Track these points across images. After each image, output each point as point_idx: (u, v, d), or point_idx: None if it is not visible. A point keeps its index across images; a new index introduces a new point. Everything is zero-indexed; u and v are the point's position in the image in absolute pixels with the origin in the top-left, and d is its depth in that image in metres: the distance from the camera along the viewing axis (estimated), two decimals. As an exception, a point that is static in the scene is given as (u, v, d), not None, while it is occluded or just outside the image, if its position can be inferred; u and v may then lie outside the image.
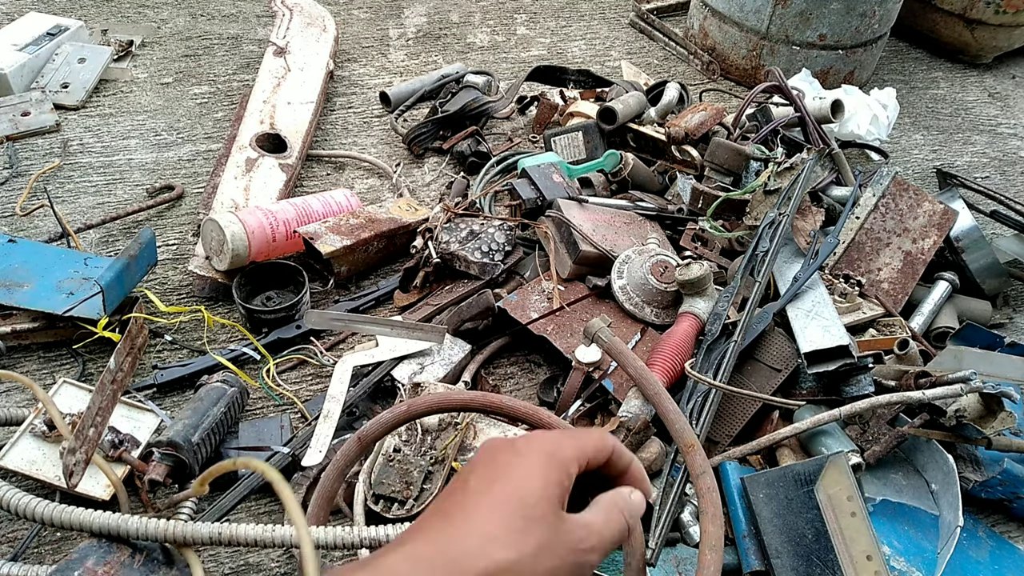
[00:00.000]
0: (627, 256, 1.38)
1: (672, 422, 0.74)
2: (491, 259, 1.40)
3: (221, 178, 1.57)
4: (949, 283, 1.45)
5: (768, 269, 1.30)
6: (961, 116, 2.24)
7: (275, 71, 1.86)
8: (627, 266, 1.37)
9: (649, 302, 1.35)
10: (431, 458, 1.11)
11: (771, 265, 1.31)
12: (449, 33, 2.31)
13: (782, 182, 1.43)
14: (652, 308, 1.35)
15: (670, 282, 1.33)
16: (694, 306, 1.30)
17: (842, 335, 1.21)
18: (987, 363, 1.18)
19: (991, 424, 1.10)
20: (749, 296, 1.26)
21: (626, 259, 1.38)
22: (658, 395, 0.77)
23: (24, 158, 1.68)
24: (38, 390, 1.00)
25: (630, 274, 1.36)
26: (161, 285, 1.43)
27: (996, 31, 2.36)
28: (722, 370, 1.16)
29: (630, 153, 1.64)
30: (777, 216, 1.36)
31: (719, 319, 1.23)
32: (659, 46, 2.37)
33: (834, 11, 2.03)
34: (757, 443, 1.14)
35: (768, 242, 1.33)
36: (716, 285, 1.34)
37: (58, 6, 2.20)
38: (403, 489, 1.08)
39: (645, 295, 1.34)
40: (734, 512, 1.06)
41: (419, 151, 1.79)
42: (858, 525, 0.99)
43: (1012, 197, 1.64)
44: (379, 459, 1.11)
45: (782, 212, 1.37)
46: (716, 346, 1.21)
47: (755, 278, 1.29)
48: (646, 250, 1.39)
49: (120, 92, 1.91)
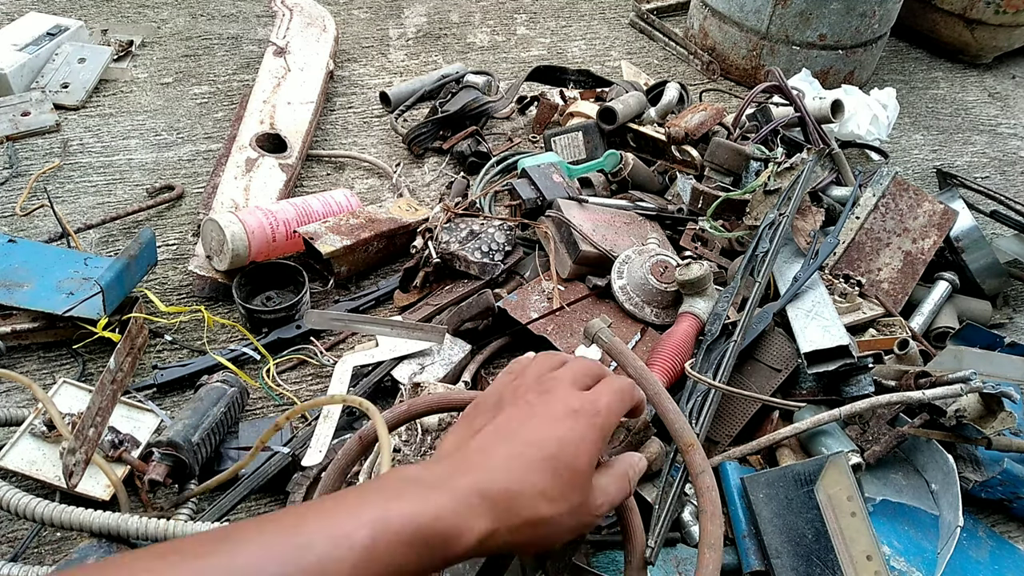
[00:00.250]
0: (627, 256, 1.38)
1: (672, 421, 0.74)
2: (491, 259, 1.40)
3: (221, 178, 1.57)
4: (949, 283, 1.45)
5: (768, 269, 1.30)
6: (961, 116, 2.24)
7: (275, 71, 1.86)
8: (627, 266, 1.37)
9: (649, 302, 1.35)
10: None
11: (771, 265, 1.31)
12: (449, 33, 2.31)
13: (782, 182, 1.43)
14: (652, 308, 1.35)
15: (670, 282, 1.33)
16: (694, 306, 1.30)
17: (842, 335, 1.21)
18: (987, 363, 1.18)
19: (991, 424, 1.10)
20: (749, 296, 1.26)
21: (626, 259, 1.38)
22: (658, 395, 0.77)
23: (24, 158, 1.68)
24: (37, 390, 1.00)
25: (630, 274, 1.36)
26: (161, 285, 1.43)
27: (996, 31, 2.36)
28: (722, 370, 1.16)
29: (630, 153, 1.64)
30: (777, 217, 1.36)
31: (719, 319, 1.22)
32: (659, 46, 2.37)
33: (834, 11, 2.03)
34: (757, 443, 1.14)
35: (768, 243, 1.33)
36: (716, 285, 1.34)
37: (58, 6, 2.20)
38: None
39: (645, 295, 1.34)
40: (734, 512, 1.06)
41: (419, 151, 1.79)
42: (858, 525, 0.99)
43: (1012, 197, 1.64)
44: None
45: (782, 213, 1.37)
46: (716, 346, 1.20)
47: (755, 278, 1.29)
48: (646, 250, 1.39)
49: (120, 92, 1.91)
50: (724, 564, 1.05)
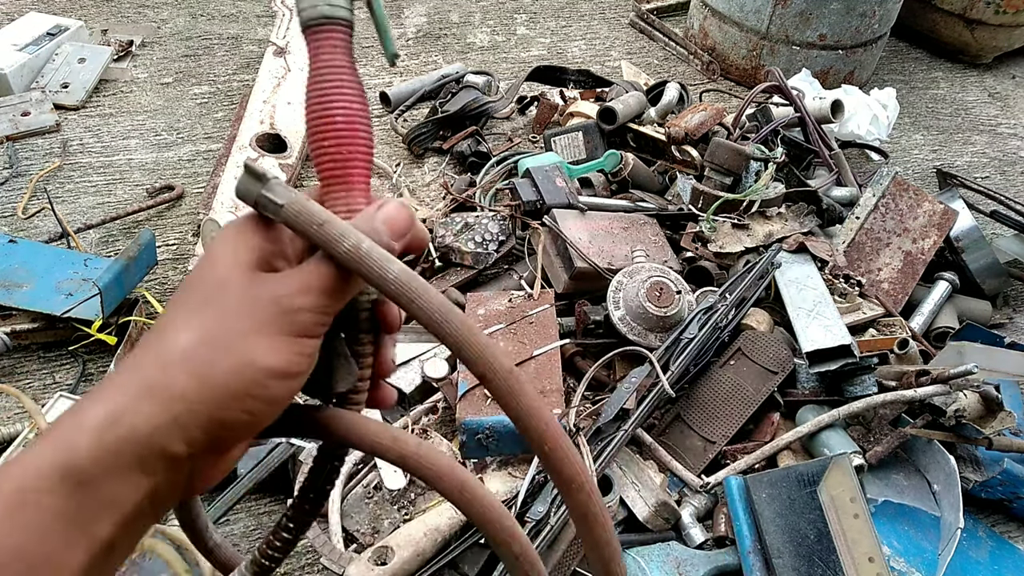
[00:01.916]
0: (619, 282, 1.31)
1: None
2: (484, 248, 1.40)
3: (221, 178, 1.57)
4: (949, 283, 1.45)
5: (688, 358, 1.18)
6: (961, 116, 2.24)
7: (275, 71, 1.86)
8: (622, 294, 1.30)
9: (651, 328, 1.28)
10: (406, 514, 1.06)
11: (691, 354, 1.18)
12: (449, 33, 2.31)
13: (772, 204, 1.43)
14: (656, 334, 1.29)
15: (668, 305, 1.26)
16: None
17: (844, 335, 1.21)
18: (989, 359, 1.18)
19: (991, 424, 1.10)
20: (654, 390, 1.14)
21: (619, 285, 1.31)
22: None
23: (24, 158, 1.67)
24: (28, 402, 0.99)
25: (626, 303, 1.29)
26: (161, 285, 1.43)
27: (996, 31, 2.36)
28: (603, 457, 1.06)
29: (630, 153, 1.64)
30: (716, 301, 1.26)
31: (615, 405, 1.11)
32: (659, 46, 2.37)
33: (834, 11, 2.02)
34: (761, 452, 1.14)
35: (696, 329, 1.22)
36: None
37: (58, 6, 2.20)
38: (368, 534, 1.04)
39: (646, 323, 1.28)
40: (738, 528, 1.05)
41: (419, 151, 1.79)
42: (860, 527, 0.99)
43: (1012, 197, 1.64)
44: (358, 489, 1.08)
45: (720, 301, 1.26)
46: (607, 429, 1.10)
47: (670, 365, 1.18)
48: (636, 270, 1.32)
49: (120, 92, 1.91)
50: (724, 565, 1.05)
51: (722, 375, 1.25)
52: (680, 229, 1.53)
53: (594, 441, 1.09)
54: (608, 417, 1.10)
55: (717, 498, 1.13)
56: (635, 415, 1.11)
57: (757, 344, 1.26)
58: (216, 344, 0.35)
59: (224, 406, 0.35)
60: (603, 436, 1.10)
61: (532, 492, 1.04)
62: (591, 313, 1.31)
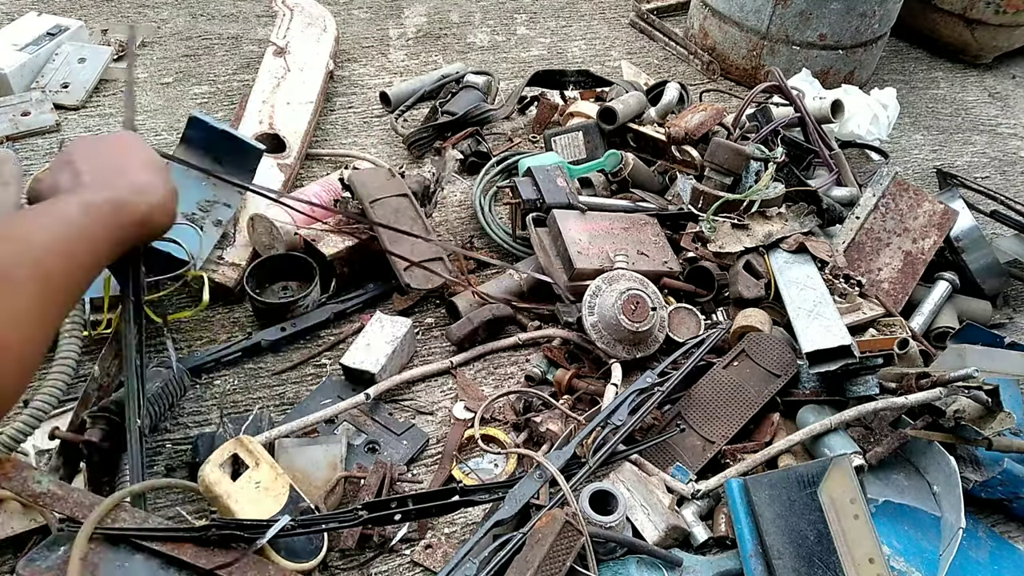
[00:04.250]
0: (597, 287, 1.30)
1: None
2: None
3: (221, 178, 1.57)
4: (949, 283, 1.45)
5: (611, 448, 1.07)
6: (961, 116, 2.24)
7: (275, 71, 1.86)
8: (598, 300, 1.29)
9: (621, 340, 1.28)
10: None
11: (615, 447, 1.07)
12: (449, 33, 2.31)
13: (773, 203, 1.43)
14: (625, 346, 1.29)
15: (642, 320, 1.25)
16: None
17: (844, 335, 1.22)
18: (990, 359, 1.18)
19: (990, 425, 1.10)
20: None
21: (596, 290, 1.30)
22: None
23: (24, 158, 1.67)
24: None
25: (601, 311, 1.28)
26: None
27: (996, 31, 2.36)
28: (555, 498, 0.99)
29: (630, 153, 1.64)
30: (653, 384, 1.16)
31: (517, 502, 1.00)
32: (659, 46, 2.37)
33: (834, 11, 2.02)
34: (763, 454, 1.14)
35: (627, 415, 1.10)
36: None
37: (58, 6, 2.20)
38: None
39: (616, 334, 1.27)
40: (740, 532, 1.05)
41: (419, 154, 1.79)
42: (861, 528, 0.99)
43: (1012, 197, 1.64)
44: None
45: (663, 379, 1.18)
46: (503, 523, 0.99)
47: (587, 462, 1.05)
48: (615, 277, 1.32)
49: (120, 92, 1.91)
50: (726, 569, 1.05)
51: (724, 376, 1.25)
52: (680, 229, 1.53)
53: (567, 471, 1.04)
54: (506, 516, 0.99)
55: (720, 496, 1.13)
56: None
57: (761, 346, 1.26)
58: (167, 198, 0.83)
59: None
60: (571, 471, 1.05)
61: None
62: (565, 314, 1.34)
